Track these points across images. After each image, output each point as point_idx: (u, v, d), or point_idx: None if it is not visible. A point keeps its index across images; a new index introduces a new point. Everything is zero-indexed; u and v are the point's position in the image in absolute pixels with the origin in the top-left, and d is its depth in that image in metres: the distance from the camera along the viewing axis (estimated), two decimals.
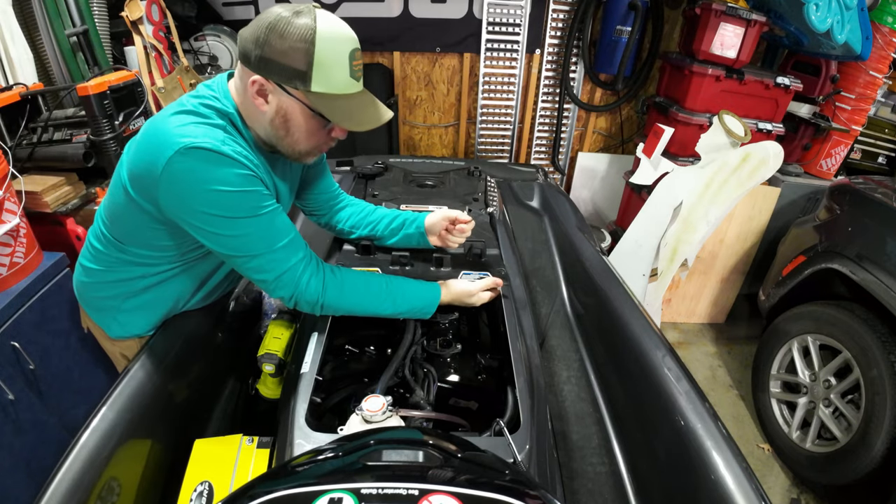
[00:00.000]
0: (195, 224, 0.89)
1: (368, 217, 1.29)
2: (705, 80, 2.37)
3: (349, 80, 0.90)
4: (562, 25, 2.83)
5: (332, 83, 0.88)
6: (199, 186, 0.85)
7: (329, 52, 0.85)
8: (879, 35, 2.36)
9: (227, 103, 0.93)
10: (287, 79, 0.86)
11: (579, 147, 3.28)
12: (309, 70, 0.85)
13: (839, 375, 1.90)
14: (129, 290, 1.09)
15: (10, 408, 1.34)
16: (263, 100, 0.90)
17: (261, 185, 0.91)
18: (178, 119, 0.88)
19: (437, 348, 1.17)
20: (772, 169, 2.00)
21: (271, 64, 0.85)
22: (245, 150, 0.90)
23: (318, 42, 0.83)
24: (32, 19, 1.84)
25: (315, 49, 0.84)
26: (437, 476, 0.59)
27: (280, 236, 0.94)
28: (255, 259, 0.93)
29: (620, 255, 2.39)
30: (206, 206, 0.86)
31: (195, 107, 0.90)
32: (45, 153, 1.69)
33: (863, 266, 1.79)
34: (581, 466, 1.18)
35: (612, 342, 1.35)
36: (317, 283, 0.98)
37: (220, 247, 0.92)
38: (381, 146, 2.97)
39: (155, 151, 0.85)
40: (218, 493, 0.91)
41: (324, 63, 0.85)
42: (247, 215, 0.89)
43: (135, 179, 0.91)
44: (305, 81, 0.86)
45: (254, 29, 0.85)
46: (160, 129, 0.87)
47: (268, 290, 0.99)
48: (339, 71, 0.87)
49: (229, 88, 0.95)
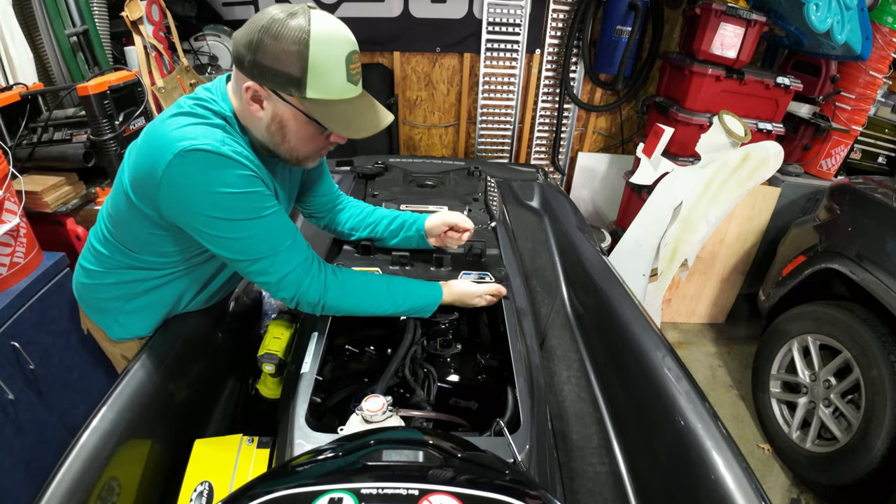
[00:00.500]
0: (197, 227, 0.88)
1: (368, 219, 1.29)
2: (705, 80, 2.37)
3: (346, 84, 0.87)
4: (562, 25, 2.83)
5: (328, 89, 0.85)
6: (200, 189, 0.84)
7: (324, 56, 0.82)
8: (879, 35, 2.36)
9: (225, 106, 0.92)
10: (281, 85, 0.84)
11: (579, 147, 3.28)
12: (303, 76, 0.82)
13: (839, 375, 1.89)
14: (130, 292, 1.09)
15: (10, 408, 1.34)
16: (259, 106, 0.88)
17: (262, 185, 0.90)
18: (175, 121, 0.87)
19: (437, 348, 1.17)
20: (772, 169, 2.00)
21: (265, 70, 0.83)
22: (245, 151, 0.90)
23: (313, 45, 0.80)
24: (32, 19, 1.84)
25: (309, 53, 0.81)
26: (437, 476, 0.59)
27: (283, 238, 0.93)
28: (259, 262, 0.92)
29: (620, 255, 2.39)
30: (207, 208, 0.85)
31: (192, 108, 0.90)
32: (45, 153, 1.69)
33: (863, 266, 1.79)
34: (581, 466, 1.18)
35: (612, 342, 1.35)
36: (319, 285, 0.97)
37: (222, 250, 0.91)
38: (381, 146, 2.97)
39: (155, 155, 0.84)
40: (218, 493, 0.91)
41: (319, 68, 0.82)
42: (249, 217, 0.88)
43: (136, 184, 0.91)
44: (300, 88, 0.83)
45: (247, 32, 0.83)
46: (159, 133, 0.86)
47: (270, 292, 0.99)
48: (335, 75, 0.85)
49: (227, 91, 0.93)
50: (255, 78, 0.85)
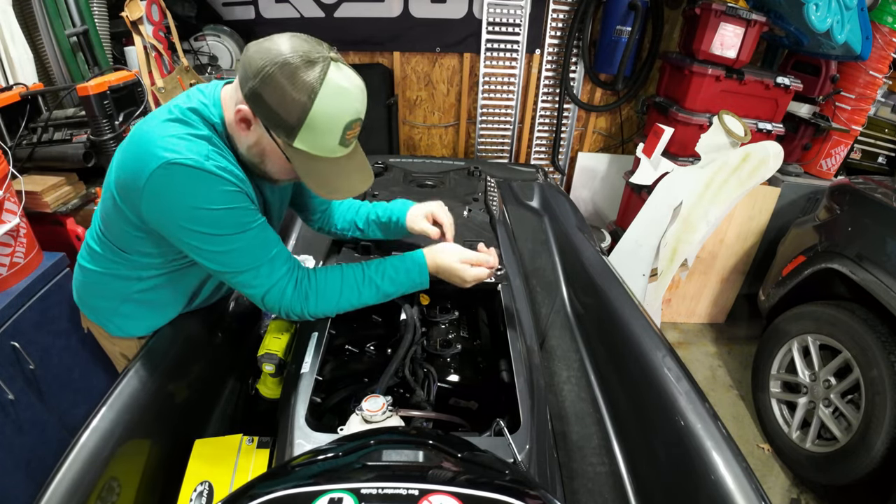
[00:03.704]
0: (178, 237, 0.88)
1: (356, 216, 1.27)
2: (705, 80, 2.37)
3: (336, 146, 0.85)
4: (562, 25, 2.83)
5: (316, 146, 0.84)
6: (181, 203, 0.83)
7: (325, 118, 0.80)
8: (879, 35, 2.36)
9: (215, 112, 0.90)
10: (273, 125, 0.82)
11: (579, 147, 3.28)
12: (297, 126, 0.81)
13: (839, 375, 1.89)
14: (124, 294, 1.08)
15: (10, 408, 1.34)
16: (246, 127, 0.87)
17: (246, 200, 0.89)
18: (164, 128, 0.85)
19: (437, 348, 1.17)
20: (772, 169, 2.00)
21: (263, 104, 0.80)
22: (230, 164, 0.88)
23: (317, 105, 0.79)
24: (32, 19, 1.84)
25: (312, 110, 0.79)
26: (437, 476, 0.59)
27: (264, 252, 0.92)
28: (241, 275, 0.92)
29: (620, 255, 2.39)
30: (188, 222, 0.85)
31: (183, 113, 0.87)
32: (45, 153, 1.69)
33: (863, 266, 1.79)
34: (581, 466, 1.18)
35: (612, 342, 1.35)
36: (299, 294, 0.96)
37: (204, 260, 0.91)
38: (381, 146, 2.97)
39: (139, 162, 0.83)
40: (218, 493, 0.91)
41: (315, 126, 0.81)
42: (231, 232, 0.87)
43: (120, 187, 0.90)
44: (290, 135, 0.82)
45: (261, 57, 0.79)
46: (145, 139, 0.84)
47: (257, 304, 0.98)
48: (328, 137, 0.83)
49: (222, 98, 0.91)
50: (250, 105, 0.83)
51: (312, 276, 0.99)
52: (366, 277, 1.01)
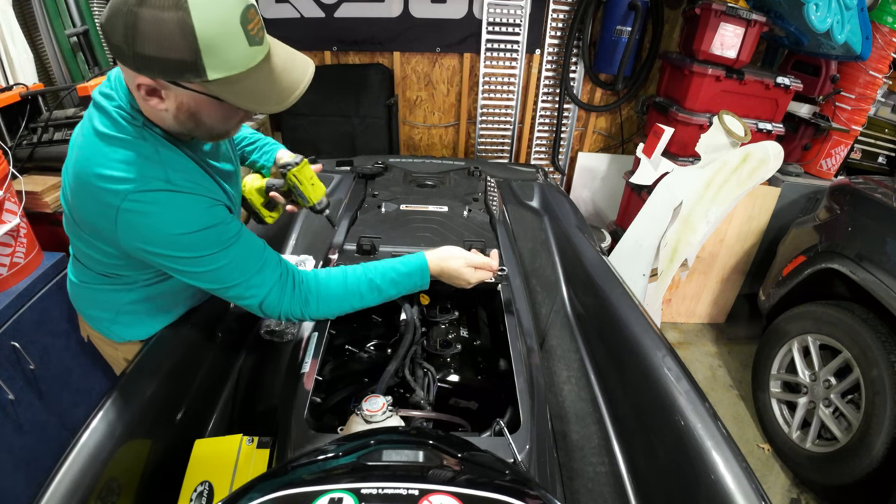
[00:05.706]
0: (162, 264, 0.85)
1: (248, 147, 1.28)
2: (705, 80, 2.37)
3: (249, 50, 0.72)
4: (562, 25, 2.83)
5: (230, 64, 0.71)
6: (160, 231, 0.80)
7: (214, 24, 0.67)
8: (879, 35, 2.36)
9: (125, 100, 0.81)
10: (176, 73, 0.70)
11: (579, 147, 3.28)
12: (197, 58, 0.68)
13: (839, 375, 1.89)
14: (119, 305, 1.07)
15: (10, 408, 1.34)
16: (158, 99, 0.76)
17: (221, 209, 0.86)
18: (104, 155, 0.78)
19: (437, 348, 1.17)
20: (772, 169, 2.00)
21: (150, 60, 0.68)
22: (181, 159, 0.83)
23: (195, 13, 0.65)
24: (32, 19, 1.85)
25: (194, 24, 0.65)
26: (437, 476, 0.59)
27: (253, 263, 0.89)
28: (233, 289, 0.89)
29: (620, 255, 2.39)
30: (170, 249, 0.82)
31: (106, 125, 0.80)
32: (45, 153, 1.69)
33: (863, 266, 1.79)
34: (581, 466, 1.18)
35: (612, 342, 1.35)
36: (299, 299, 0.95)
37: (193, 281, 0.88)
38: (381, 146, 2.97)
39: (100, 205, 0.78)
40: (218, 493, 0.91)
41: (212, 42, 0.68)
42: (215, 251, 0.84)
43: (90, 231, 0.86)
44: (198, 72, 0.69)
45: (113, 13, 0.67)
46: (93, 176, 0.78)
47: (255, 314, 0.97)
48: (234, 45, 0.70)
49: (125, 83, 0.81)
50: (143, 71, 0.71)
51: (313, 279, 0.97)
52: (368, 281, 0.99)
